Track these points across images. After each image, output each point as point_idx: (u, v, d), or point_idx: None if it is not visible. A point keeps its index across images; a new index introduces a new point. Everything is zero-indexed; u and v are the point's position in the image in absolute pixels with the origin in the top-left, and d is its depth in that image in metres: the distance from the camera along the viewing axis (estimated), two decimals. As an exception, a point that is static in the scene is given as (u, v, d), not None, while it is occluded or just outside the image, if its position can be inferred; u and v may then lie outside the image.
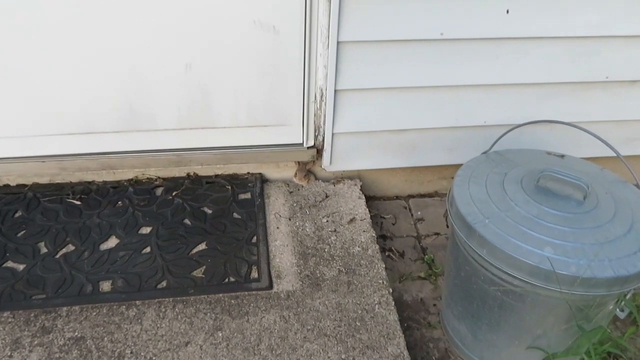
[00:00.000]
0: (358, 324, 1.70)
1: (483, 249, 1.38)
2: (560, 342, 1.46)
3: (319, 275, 1.90)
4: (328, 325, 1.67)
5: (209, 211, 2.21)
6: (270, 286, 1.82)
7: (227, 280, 1.85)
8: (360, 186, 2.49)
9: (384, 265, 1.96)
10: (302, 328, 1.65)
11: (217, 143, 2.26)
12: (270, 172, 2.51)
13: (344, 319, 1.70)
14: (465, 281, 1.53)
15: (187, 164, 2.28)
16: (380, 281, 1.88)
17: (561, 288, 1.26)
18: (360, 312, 1.75)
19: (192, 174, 2.47)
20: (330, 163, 2.45)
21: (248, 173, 2.49)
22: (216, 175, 2.38)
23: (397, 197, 2.71)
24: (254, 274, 1.89)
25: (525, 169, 1.60)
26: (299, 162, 2.47)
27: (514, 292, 1.37)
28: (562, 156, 1.69)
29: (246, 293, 1.78)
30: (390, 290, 1.82)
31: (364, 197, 2.35)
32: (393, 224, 2.44)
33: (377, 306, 1.76)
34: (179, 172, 2.37)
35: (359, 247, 2.06)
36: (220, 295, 1.76)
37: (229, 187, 2.34)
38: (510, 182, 1.53)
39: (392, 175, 2.63)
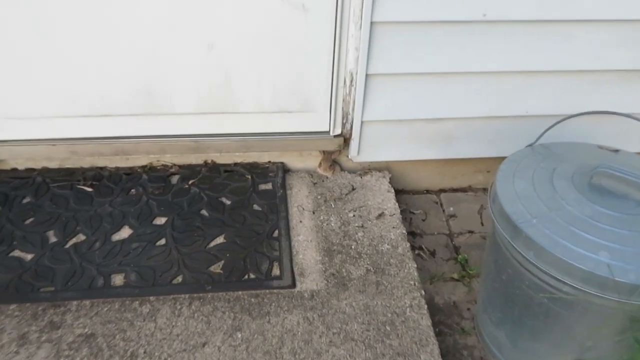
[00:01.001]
0: (388, 328, 1.67)
1: (530, 251, 1.33)
2: (611, 356, 1.41)
3: (345, 274, 1.89)
4: (355, 329, 1.65)
5: (228, 202, 2.20)
6: (294, 284, 1.80)
7: (246, 276, 1.85)
8: (389, 179, 2.51)
9: (415, 265, 1.94)
10: (327, 331, 1.63)
11: (238, 129, 2.25)
12: (293, 161, 2.50)
13: (372, 323, 1.68)
14: (507, 285, 1.48)
15: (205, 150, 2.26)
16: (412, 282, 1.86)
17: (619, 297, 1.17)
18: (390, 315, 1.73)
19: (209, 161, 2.46)
20: (358, 153, 2.42)
21: (269, 162, 2.48)
22: (235, 164, 2.38)
23: (428, 191, 2.69)
24: (276, 271, 1.87)
25: (576, 164, 1.54)
26: (324, 152, 2.46)
27: (563, 299, 1.30)
28: (617, 151, 1.63)
29: (267, 291, 1.76)
30: (423, 293, 1.80)
31: (393, 191, 2.34)
32: (423, 220, 2.44)
33: (408, 309, 1.74)
34: (195, 159, 2.37)
35: (388, 244, 2.05)
36: (240, 292, 1.75)
37: (249, 177, 2.33)
38: (560, 179, 1.47)
39: (423, 168, 2.61)
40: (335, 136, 2.29)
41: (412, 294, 1.79)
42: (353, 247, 2.04)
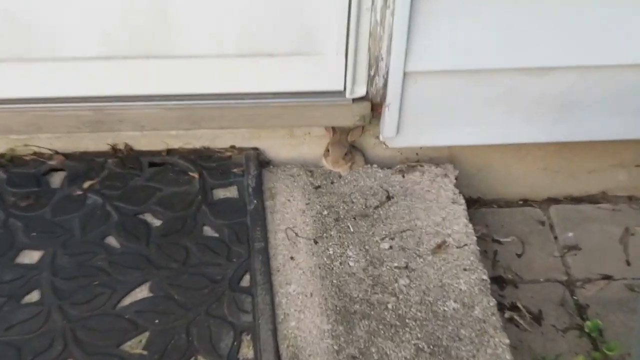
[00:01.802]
0: None
1: None
2: None
3: (377, 358, 1.88)
4: None
5: (156, 221, 2.24)
6: None
7: (191, 364, 1.84)
8: (456, 179, 2.49)
9: (507, 341, 1.96)
10: None
11: (176, 87, 2.30)
12: (277, 146, 2.51)
13: None
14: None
15: (114, 126, 2.31)
16: (501, 373, 1.86)
17: None
18: None
19: (122, 147, 2.48)
20: (398, 131, 2.41)
21: (233, 148, 2.50)
22: (170, 151, 2.44)
23: (526, 202, 2.70)
24: (247, 353, 1.90)
25: None
26: (334, 129, 2.45)
27: None
28: None
29: None
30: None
31: (462, 201, 2.36)
32: (519, 256, 2.49)
33: None
34: (97, 142, 2.43)
35: (455, 301, 2.07)
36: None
37: (196, 175, 2.36)
38: None
39: (518, 159, 2.61)
40: (355, 100, 2.32)
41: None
42: (390, 306, 2.04)
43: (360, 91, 2.32)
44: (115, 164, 2.39)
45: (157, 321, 1.99)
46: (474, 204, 2.60)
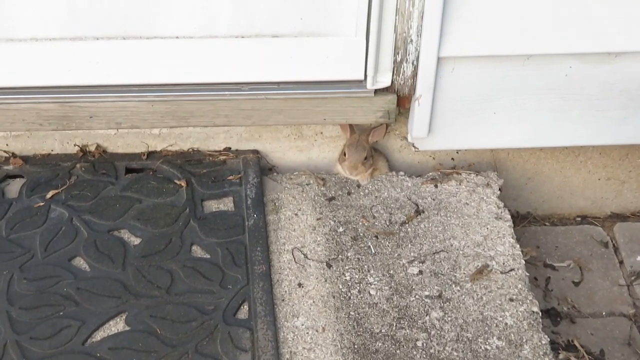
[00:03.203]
0: None
1: None
2: None
3: None
4: None
5: (135, 239, 2.25)
6: None
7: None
8: (500, 189, 2.46)
9: None
10: None
11: (158, 75, 2.30)
12: (282, 148, 2.50)
13: None
14: None
15: (84, 123, 2.32)
16: None
17: None
18: None
19: (93, 148, 2.46)
20: (430, 130, 2.38)
21: (228, 151, 2.50)
22: (151, 154, 2.44)
23: (585, 218, 2.67)
24: None
25: None
26: (351, 127, 2.43)
27: None
28: None
29: None
30: None
31: (508, 216, 2.36)
32: (576, 283, 2.43)
33: None
34: (62, 143, 2.43)
35: (499, 338, 2.05)
36: None
37: (182, 183, 2.37)
38: None
39: (573, 165, 2.59)
40: (377, 91, 2.34)
41: None
42: (420, 344, 2.03)
43: (385, 80, 2.32)
44: (85, 169, 2.38)
45: (134, 360, 1.94)
46: (522, 221, 2.59)
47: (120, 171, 2.42)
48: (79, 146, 2.45)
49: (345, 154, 2.45)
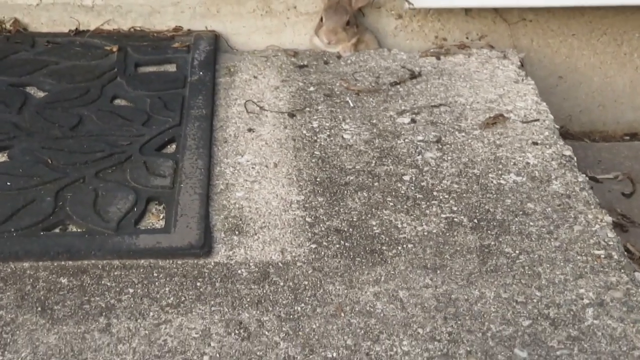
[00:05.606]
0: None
1: None
2: None
3: (380, 231, 1.87)
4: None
5: (41, 93, 2.18)
6: (203, 247, 1.79)
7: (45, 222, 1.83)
8: (520, 62, 2.29)
9: (609, 218, 1.89)
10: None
11: None
12: (246, 29, 2.35)
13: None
14: None
15: None
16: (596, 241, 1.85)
17: None
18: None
19: (8, 25, 2.33)
20: None
21: (178, 30, 2.35)
22: (80, 34, 2.33)
23: (634, 136, 2.50)
24: (154, 223, 1.87)
25: None
26: None
27: None
28: None
29: (116, 263, 1.76)
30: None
31: (531, 81, 2.28)
32: (627, 196, 2.30)
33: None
34: None
35: (518, 175, 2.00)
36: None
37: (113, 49, 2.38)
38: None
39: (615, 59, 2.39)
40: None
41: (613, 277, 1.77)
42: (408, 177, 1.98)
43: None
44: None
45: (8, 184, 1.90)
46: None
47: (39, 43, 2.33)
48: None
49: (322, 20, 2.24)
